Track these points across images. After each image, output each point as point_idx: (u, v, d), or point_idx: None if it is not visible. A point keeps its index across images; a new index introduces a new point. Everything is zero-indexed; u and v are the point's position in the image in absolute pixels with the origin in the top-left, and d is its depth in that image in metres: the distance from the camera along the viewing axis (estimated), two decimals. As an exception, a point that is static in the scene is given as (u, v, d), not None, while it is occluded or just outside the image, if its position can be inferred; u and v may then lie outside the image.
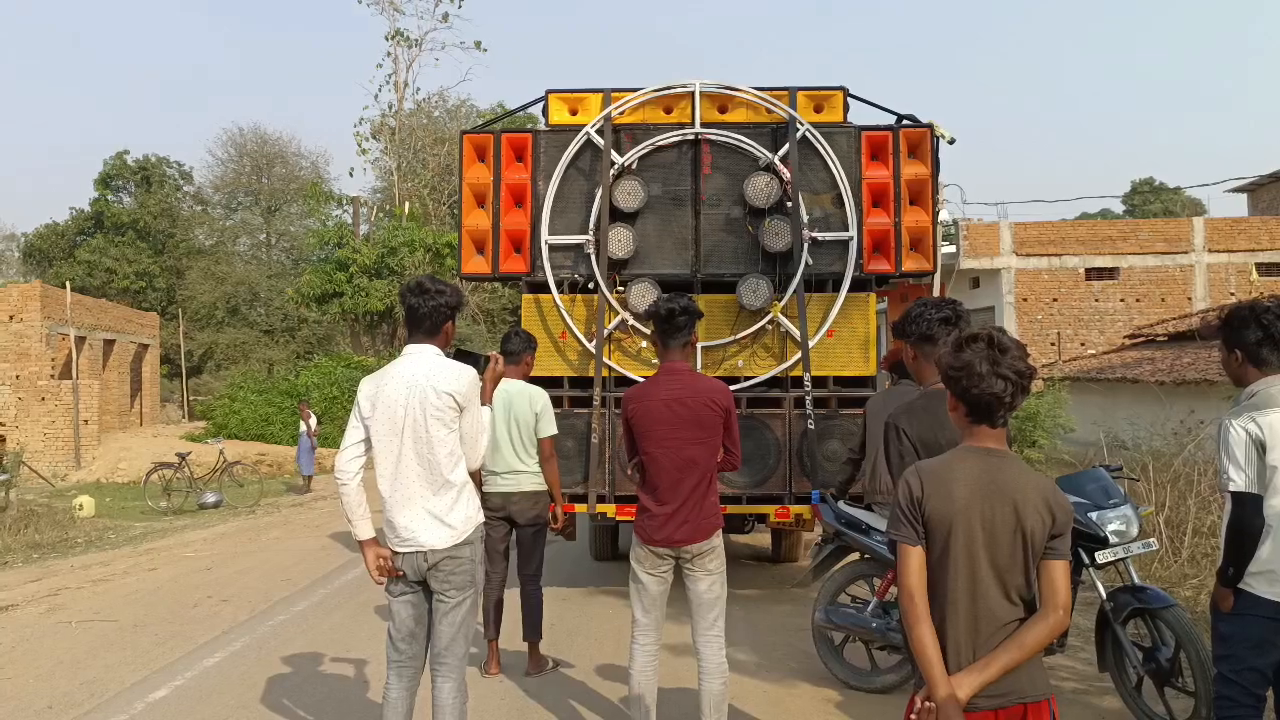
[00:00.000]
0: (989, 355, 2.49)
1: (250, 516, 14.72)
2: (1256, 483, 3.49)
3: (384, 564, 3.84)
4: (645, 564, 4.30)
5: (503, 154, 7.62)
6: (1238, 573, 3.55)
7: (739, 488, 7.26)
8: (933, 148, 7.46)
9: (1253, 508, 3.50)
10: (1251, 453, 3.49)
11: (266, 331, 43.38)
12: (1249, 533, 3.52)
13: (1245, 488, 3.49)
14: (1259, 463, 3.48)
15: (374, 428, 3.82)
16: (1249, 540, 3.51)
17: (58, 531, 12.77)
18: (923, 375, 3.84)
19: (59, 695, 5.76)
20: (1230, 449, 3.53)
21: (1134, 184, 52.77)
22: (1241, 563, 3.54)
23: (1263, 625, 3.51)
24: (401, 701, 3.94)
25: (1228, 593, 3.59)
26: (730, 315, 7.41)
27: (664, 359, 4.36)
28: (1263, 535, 3.50)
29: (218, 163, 48.35)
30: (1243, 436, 3.51)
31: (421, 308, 3.87)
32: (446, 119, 38.28)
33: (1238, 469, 3.50)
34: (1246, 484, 3.49)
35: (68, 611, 8.06)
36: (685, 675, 5.25)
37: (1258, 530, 3.50)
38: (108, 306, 28.35)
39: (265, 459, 21.33)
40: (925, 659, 2.45)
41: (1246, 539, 3.52)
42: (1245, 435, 3.50)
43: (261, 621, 7.51)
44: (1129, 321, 23.26)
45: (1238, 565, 3.56)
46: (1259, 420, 3.50)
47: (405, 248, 29.64)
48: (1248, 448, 3.49)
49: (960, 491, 2.49)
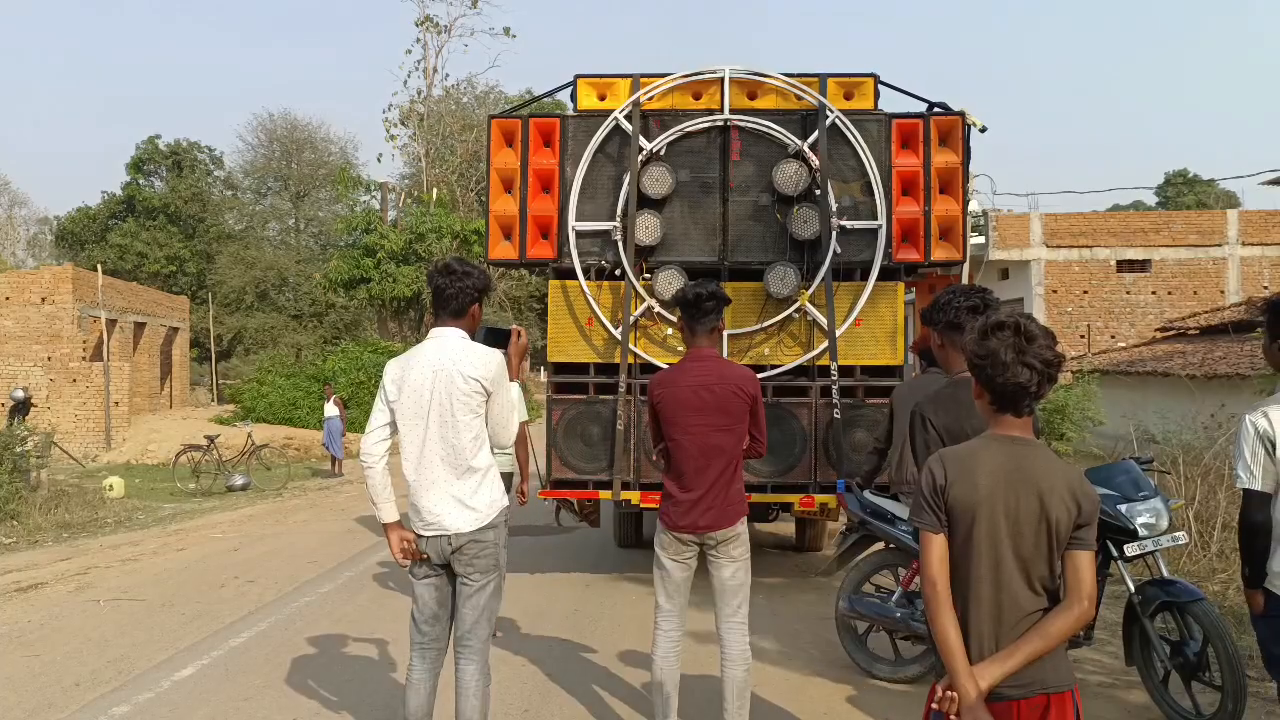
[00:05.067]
0: (1015, 343, 2.45)
1: (277, 499, 14.86)
2: (1261, 479, 3.42)
3: (408, 547, 3.85)
4: (669, 550, 4.29)
5: (531, 139, 7.60)
6: (1254, 572, 3.50)
7: (764, 476, 7.25)
8: (964, 136, 7.37)
9: (1255, 504, 3.45)
10: (1259, 449, 3.42)
11: (295, 316, 43.74)
12: (1252, 530, 3.47)
13: (1248, 484, 3.44)
14: (1266, 459, 3.41)
15: (399, 411, 3.82)
16: (1254, 538, 3.46)
17: (88, 511, 12.93)
18: (950, 363, 3.81)
19: (87, 673, 5.85)
20: (1239, 444, 3.48)
21: (1168, 175, 52.12)
22: (1252, 561, 3.49)
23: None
24: (424, 683, 3.96)
25: (1255, 594, 3.53)
26: (757, 303, 7.38)
27: (691, 345, 4.34)
28: (1277, 536, 3.42)
29: (248, 148, 48.85)
30: (1251, 432, 3.44)
31: (448, 289, 3.87)
32: (475, 105, 38.33)
33: (1244, 465, 3.45)
34: (1249, 480, 3.44)
35: (96, 590, 8.18)
36: (708, 662, 5.24)
37: (1260, 528, 3.44)
38: (139, 290, 28.66)
39: (293, 443, 21.52)
40: (947, 647, 2.43)
41: (1251, 537, 3.48)
42: (1254, 431, 3.43)
43: (287, 602, 7.58)
44: (1160, 314, 22.99)
45: (1249, 564, 3.51)
46: (1271, 415, 3.42)
47: (433, 234, 29.76)
48: (1255, 443, 3.43)
49: (984, 479, 2.46)
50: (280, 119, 48.19)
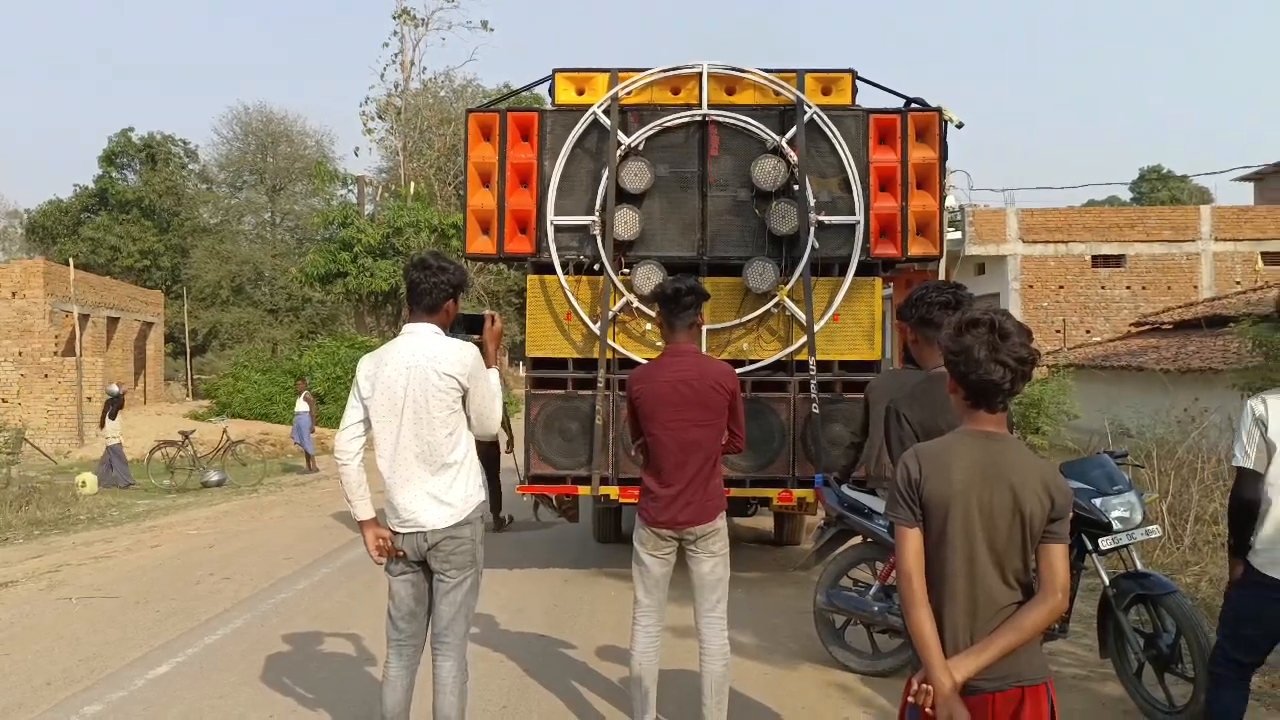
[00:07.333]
0: (989, 340, 2.46)
1: (253, 495, 14.75)
2: (1254, 459, 3.65)
3: (384, 544, 3.82)
4: (648, 545, 4.29)
5: (509, 133, 7.56)
6: (1238, 543, 3.76)
7: (743, 470, 7.26)
8: (941, 132, 7.41)
9: (1244, 482, 3.70)
10: (1255, 430, 3.65)
11: (271, 311, 43.42)
12: (1239, 505, 3.73)
13: (1241, 463, 3.69)
14: (1260, 440, 3.64)
15: (373, 408, 3.79)
16: (1241, 513, 3.72)
17: (59, 508, 12.79)
18: (924, 358, 3.83)
19: (58, 671, 5.78)
20: (1239, 426, 3.73)
21: (1142, 171, 52.48)
22: (1237, 534, 3.76)
23: (1260, 600, 3.67)
24: (401, 680, 3.94)
25: (1237, 563, 3.79)
26: (736, 298, 7.38)
27: (670, 340, 4.33)
28: (1263, 511, 3.65)
29: (223, 141, 48.36)
30: (1249, 415, 3.68)
31: (423, 283, 3.83)
32: (453, 99, 38.17)
33: (1240, 445, 3.71)
34: (1243, 459, 3.68)
35: (68, 588, 8.09)
36: (687, 657, 5.25)
37: (1247, 503, 3.69)
38: (112, 284, 28.38)
39: (268, 438, 21.37)
40: (922, 641, 2.44)
41: (1239, 510, 3.73)
42: (1251, 414, 3.67)
43: (263, 599, 7.53)
44: (1135, 309, 23.18)
45: (1235, 535, 3.78)
46: (1268, 400, 3.67)
47: (410, 228, 29.63)
48: (1251, 425, 3.66)
49: (958, 474, 2.47)
50: (256, 112, 47.83)
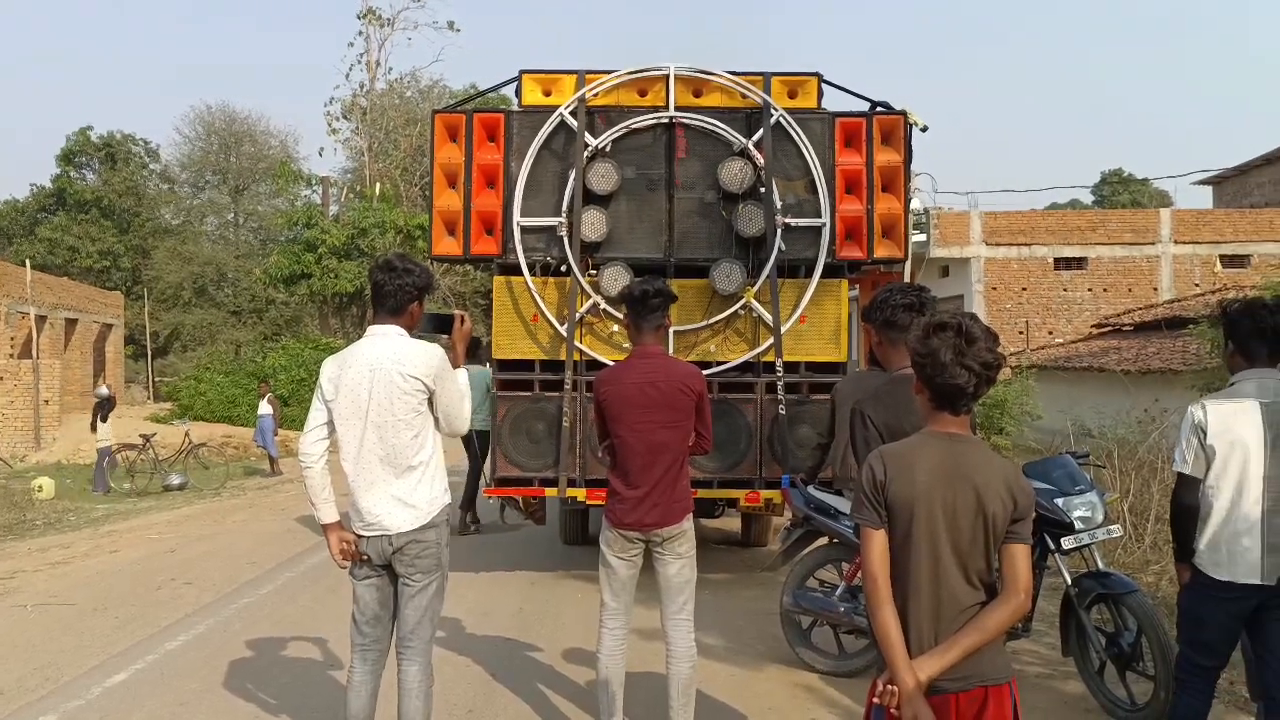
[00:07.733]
0: (955, 344, 2.48)
1: (216, 499, 14.56)
2: (1193, 464, 3.73)
3: (348, 548, 3.78)
4: (615, 548, 4.28)
5: (475, 134, 7.52)
6: (1181, 547, 3.84)
7: (710, 472, 7.26)
8: (906, 135, 7.45)
9: (1184, 487, 3.79)
10: (1193, 437, 3.73)
11: (234, 312, 42.94)
12: (1180, 510, 3.82)
13: (1180, 468, 3.78)
14: (1198, 447, 3.72)
15: (337, 411, 3.75)
16: (1182, 518, 3.80)
17: (15, 513, 12.56)
18: (888, 360, 3.85)
19: (11, 680, 5.66)
20: (1181, 432, 3.80)
21: (1103, 175, 53.25)
22: (1181, 538, 3.83)
23: (1207, 601, 3.73)
24: (365, 684, 3.90)
25: (1184, 567, 3.85)
26: (703, 300, 7.39)
27: (637, 342, 4.33)
28: (1203, 515, 3.72)
29: (185, 140, 47.77)
30: (1190, 421, 3.76)
31: (387, 285, 3.80)
32: (419, 99, 37.94)
33: (1180, 451, 3.79)
34: (1182, 465, 3.77)
35: (23, 595, 7.93)
36: (653, 659, 5.24)
37: (1187, 508, 3.78)
38: (70, 285, 27.95)
39: (231, 441, 21.11)
40: (887, 642, 2.45)
41: (1180, 516, 3.81)
42: (1191, 420, 3.75)
43: (226, 604, 7.43)
44: (1096, 311, 23.51)
45: (1178, 540, 3.86)
46: (1209, 407, 3.74)
47: (376, 229, 29.39)
48: (1190, 432, 3.74)
49: (922, 475, 2.49)
50: (219, 111, 47.33)
